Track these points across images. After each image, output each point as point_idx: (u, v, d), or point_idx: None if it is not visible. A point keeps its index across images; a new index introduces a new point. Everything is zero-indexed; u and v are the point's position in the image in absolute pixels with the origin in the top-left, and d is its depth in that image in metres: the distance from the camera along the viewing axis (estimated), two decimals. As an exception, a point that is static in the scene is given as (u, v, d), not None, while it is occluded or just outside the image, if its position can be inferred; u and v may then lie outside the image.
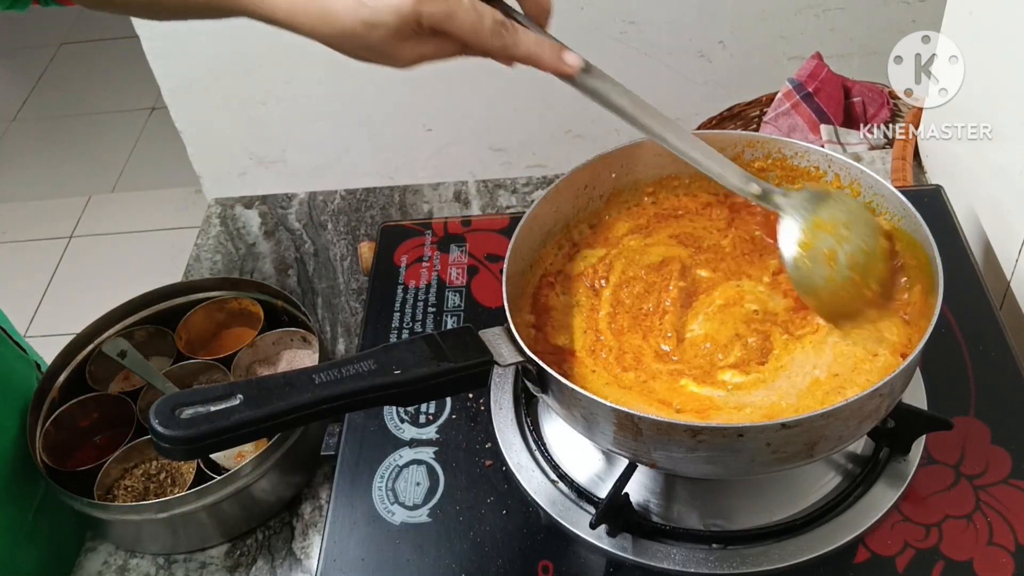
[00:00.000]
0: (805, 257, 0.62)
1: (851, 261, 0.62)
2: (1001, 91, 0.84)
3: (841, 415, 0.53)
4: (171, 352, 0.85)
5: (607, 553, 0.63)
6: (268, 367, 0.85)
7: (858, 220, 0.63)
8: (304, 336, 0.85)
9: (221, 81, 1.70)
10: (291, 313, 0.86)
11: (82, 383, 0.83)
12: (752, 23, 1.66)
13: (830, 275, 0.61)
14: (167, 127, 1.85)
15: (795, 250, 0.62)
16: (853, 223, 0.63)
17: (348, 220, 1.05)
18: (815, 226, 0.62)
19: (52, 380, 0.82)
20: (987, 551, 0.61)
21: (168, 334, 0.86)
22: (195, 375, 0.84)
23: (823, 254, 0.62)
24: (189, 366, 0.83)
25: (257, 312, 0.87)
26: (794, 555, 0.61)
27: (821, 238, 0.62)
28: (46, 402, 0.81)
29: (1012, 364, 0.71)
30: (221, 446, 0.50)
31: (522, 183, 1.07)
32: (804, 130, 1.22)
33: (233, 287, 0.89)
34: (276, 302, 0.87)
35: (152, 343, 0.87)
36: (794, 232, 0.62)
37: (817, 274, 0.61)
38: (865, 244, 0.63)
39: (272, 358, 0.86)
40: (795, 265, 0.62)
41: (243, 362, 0.84)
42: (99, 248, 2.50)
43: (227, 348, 0.86)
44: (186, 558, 0.75)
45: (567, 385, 0.55)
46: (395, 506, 0.68)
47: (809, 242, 0.62)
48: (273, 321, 0.87)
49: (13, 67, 3.28)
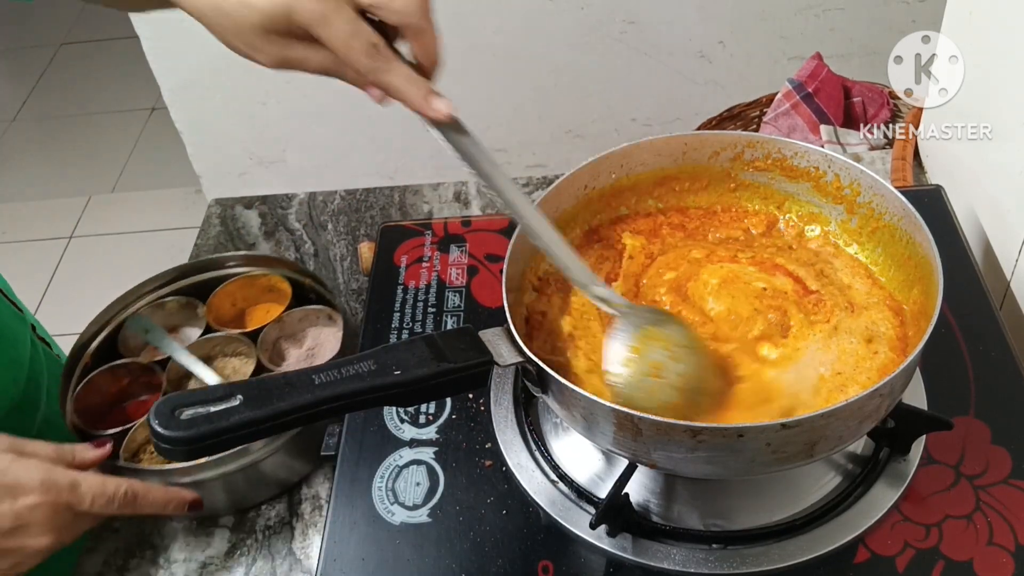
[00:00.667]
0: (633, 361, 0.58)
1: (680, 382, 0.58)
2: (1001, 91, 0.84)
3: (841, 415, 0.53)
4: (200, 324, 0.88)
5: (607, 553, 0.63)
6: (293, 343, 0.88)
7: (696, 351, 0.60)
8: (330, 314, 0.87)
9: (221, 81, 1.70)
10: (318, 291, 0.89)
11: (113, 350, 0.86)
12: (752, 23, 1.67)
13: (653, 387, 0.58)
14: (167, 127, 1.85)
15: (624, 353, 0.59)
16: (691, 349, 0.60)
17: (348, 220, 1.05)
18: (650, 336, 0.59)
19: (85, 347, 0.85)
20: (987, 551, 0.61)
21: (198, 306, 0.89)
22: (222, 347, 0.87)
23: (651, 364, 0.58)
24: (217, 338, 0.86)
25: (285, 289, 0.89)
26: (794, 555, 0.61)
27: (653, 348, 0.59)
28: (78, 368, 0.84)
29: (1012, 364, 0.71)
30: (221, 447, 0.50)
31: (522, 183, 1.07)
32: (804, 130, 1.22)
33: (263, 264, 0.92)
34: (304, 280, 0.90)
35: (182, 314, 0.90)
36: (628, 335, 0.59)
37: (640, 383, 0.58)
38: (698, 372, 0.60)
39: (298, 334, 0.88)
40: (621, 367, 0.58)
41: (269, 337, 0.86)
42: (99, 248, 2.50)
43: (254, 323, 0.89)
44: (186, 558, 0.75)
45: (567, 385, 0.55)
46: (395, 506, 0.68)
47: (641, 348, 0.59)
48: (300, 298, 0.89)
49: (13, 67, 3.28)
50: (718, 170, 0.73)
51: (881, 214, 0.67)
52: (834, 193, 0.70)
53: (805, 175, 0.71)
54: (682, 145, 0.72)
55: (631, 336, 0.59)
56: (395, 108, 0.58)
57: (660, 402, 0.57)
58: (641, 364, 0.58)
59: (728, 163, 0.73)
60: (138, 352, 0.88)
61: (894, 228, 0.66)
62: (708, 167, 0.73)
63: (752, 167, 0.72)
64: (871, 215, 0.68)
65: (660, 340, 0.59)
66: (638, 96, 1.74)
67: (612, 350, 0.59)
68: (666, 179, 0.74)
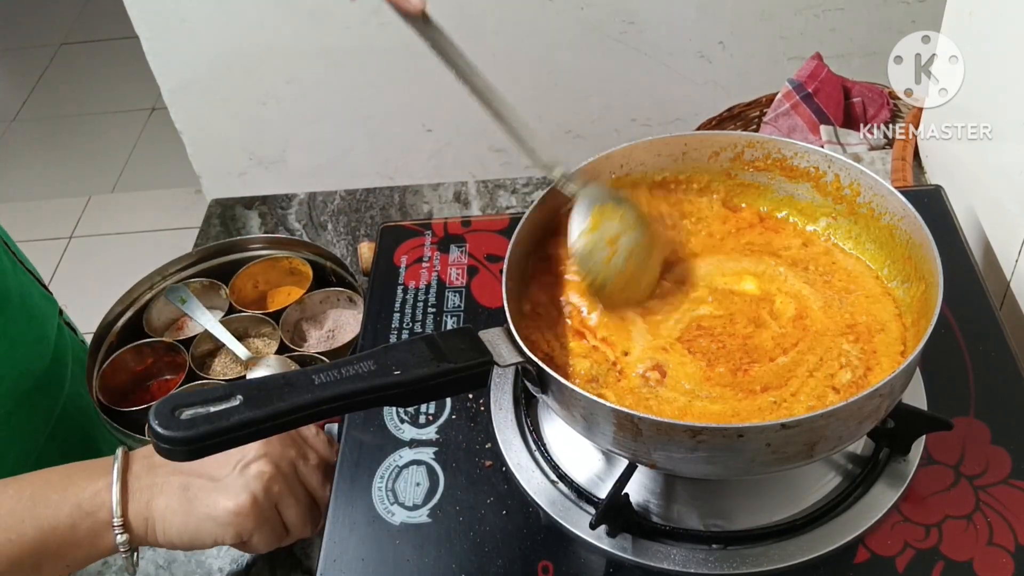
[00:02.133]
0: (591, 234, 0.65)
1: (627, 252, 0.66)
2: (1001, 91, 0.84)
3: (841, 415, 0.53)
4: (223, 305, 0.90)
5: (607, 553, 0.63)
6: (314, 324, 0.91)
7: (642, 224, 0.67)
8: (350, 296, 0.89)
9: (221, 81, 1.70)
10: (339, 274, 0.91)
11: (138, 330, 0.89)
12: (752, 23, 1.67)
13: (608, 257, 0.65)
14: (167, 127, 1.85)
15: (586, 225, 0.65)
16: (639, 223, 0.67)
17: (348, 220, 1.05)
18: (606, 212, 0.66)
19: (110, 326, 0.88)
20: (987, 551, 0.61)
21: (221, 288, 0.91)
22: (245, 328, 0.89)
23: (608, 237, 0.65)
24: (240, 319, 0.88)
25: (306, 271, 0.92)
26: (794, 555, 0.61)
27: (609, 222, 0.66)
28: (103, 346, 0.87)
29: (1012, 364, 0.71)
30: (222, 447, 0.50)
31: (522, 183, 1.07)
32: (804, 130, 1.22)
33: (285, 246, 0.94)
34: (325, 263, 0.92)
35: (205, 295, 0.92)
36: (585, 212, 0.66)
37: (598, 254, 0.65)
38: (643, 243, 0.67)
39: (319, 316, 0.91)
40: (581, 241, 0.65)
41: (291, 318, 0.88)
42: (99, 248, 2.50)
43: (276, 304, 0.92)
44: (186, 558, 0.75)
45: (567, 385, 0.55)
46: (395, 506, 0.68)
47: (597, 223, 0.65)
48: (321, 281, 0.91)
49: (13, 67, 3.28)
50: (718, 170, 0.73)
51: (881, 214, 0.67)
52: (834, 193, 0.70)
53: (805, 175, 0.71)
54: (682, 145, 0.72)
55: (589, 211, 0.66)
56: (394, 109, 0.58)
57: (614, 270, 0.65)
58: (598, 236, 0.65)
59: (728, 163, 0.73)
60: (162, 332, 0.89)
61: (894, 228, 0.66)
62: (708, 167, 0.73)
63: (752, 167, 0.72)
64: (871, 215, 0.68)
65: (615, 216, 0.66)
66: (638, 96, 1.74)
67: (574, 223, 0.66)
68: (665, 179, 0.74)
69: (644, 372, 0.62)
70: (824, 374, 0.61)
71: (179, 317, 0.93)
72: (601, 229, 0.65)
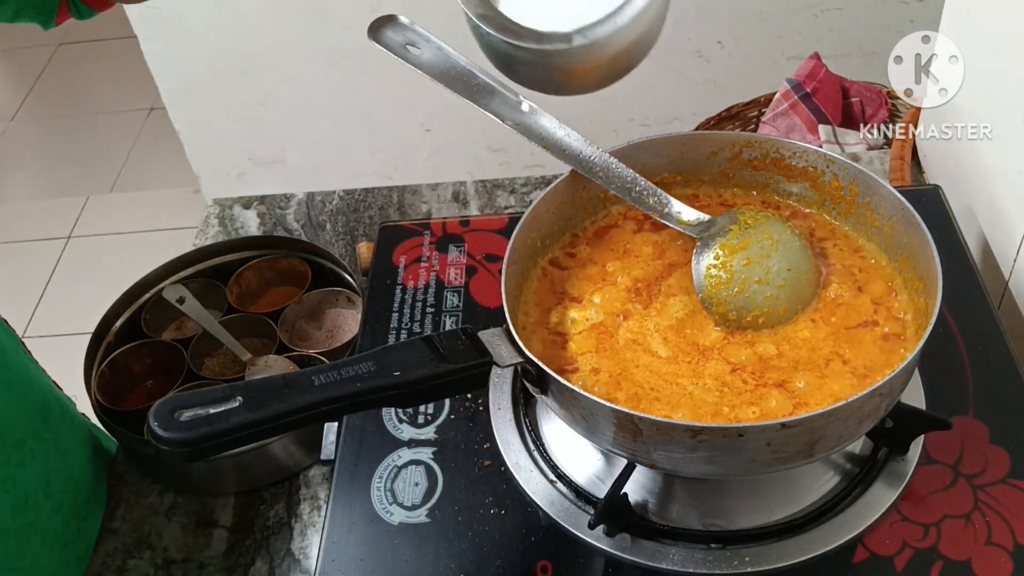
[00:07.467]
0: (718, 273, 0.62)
1: (773, 279, 0.62)
2: (1001, 91, 0.84)
3: (840, 415, 0.53)
4: (222, 305, 0.90)
5: (606, 553, 0.63)
6: (313, 324, 0.91)
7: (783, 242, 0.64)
8: (349, 296, 0.89)
9: (220, 81, 1.70)
10: (337, 274, 0.91)
11: (137, 330, 0.89)
12: (750, 23, 1.67)
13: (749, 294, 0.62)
14: (165, 127, 1.85)
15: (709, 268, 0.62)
16: (778, 243, 0.63)
17: (346, 220, 1.05)
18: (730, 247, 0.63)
19: (108, 326, 0.87)
20: (985, 551, 0.61)
21: (220, 288, 0.91)
22: (244, 328, 0.89)
23: (738, 271, 0.62)
24: (239, 319, 0.88)
25: (305, 271, 0.92)
26: (793, 555, 0.61)
27: (736, 255, 0.63)
28: (102, 346, 0.86)
29: (1010, 364, 0.72)
30: (221, 448, 0.50)
31: (520, 183, 1.07)
32: (802, 130, 1.22)
33: (283, 246, 0.94)
34: (324, 263, 0.92)
35: (204, 295, 0.91)
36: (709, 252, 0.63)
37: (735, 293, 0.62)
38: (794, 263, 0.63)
39: (317, 315, 0.91)
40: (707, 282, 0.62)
41: (290, 318, 0.88)
42: (97, 248, 2.49)
43: (275, 304, 0.92)
44: (185, 558, 0.75)
45: (567, 386, 0.55)
46: (394, 506, 0.68)
47: (724, 258, 0.63)
48: (320, 281, 0.91)
49: (11, 67, 3.28)
50: (716, 170, 0.73)
51: (879, 214, 0.67)
52: (832, 193, 0.70)
53: (803, 175, 0.71)
54: (680, 145, 0.72)
55: (712, 251, 0.62)
56: (393, 109, 0.58)
57: (763, 306, 0.61)
58: (728, 273, 0.61)
59: (726, 163, 0.73)
60: (161, 332, 0.89)
61: (892, 228, 0.66)
62: (706, 167, 0.73)
63: (750, 167, 0.72)
64: (870, 215, 0.68)
65: (742, 246, 0.62)
66: (636, 96, 1.74)
67: (697, 272, 0.62)
68: (664, 179, 0.74)
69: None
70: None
71: (178, 317, 0.92)
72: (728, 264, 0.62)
